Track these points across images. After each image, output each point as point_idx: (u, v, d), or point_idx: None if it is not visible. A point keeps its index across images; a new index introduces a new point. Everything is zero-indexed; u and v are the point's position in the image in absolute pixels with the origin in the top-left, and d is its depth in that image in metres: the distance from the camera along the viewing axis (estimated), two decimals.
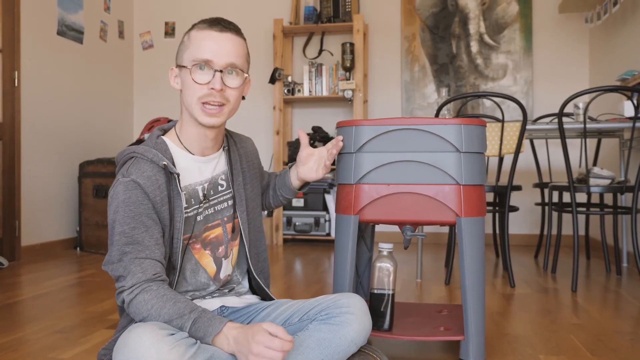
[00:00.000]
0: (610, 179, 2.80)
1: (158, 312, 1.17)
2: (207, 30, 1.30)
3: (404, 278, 2.95)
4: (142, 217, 1.23)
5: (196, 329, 1.15)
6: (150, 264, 1.22)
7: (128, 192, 1.23)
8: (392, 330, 1.60)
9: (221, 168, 1.42)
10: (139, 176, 1.25)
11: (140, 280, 1.20)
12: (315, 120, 4.66)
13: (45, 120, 3.86)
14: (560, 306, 2.36)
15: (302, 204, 4.26)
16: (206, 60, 1.27)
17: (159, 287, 1.20)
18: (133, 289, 1.20)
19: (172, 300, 1.18)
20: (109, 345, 1.29)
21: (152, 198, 1.25)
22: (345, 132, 1.60)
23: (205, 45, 1.28)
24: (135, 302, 1.19)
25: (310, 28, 4.52)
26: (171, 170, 1.28)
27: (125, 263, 1.21)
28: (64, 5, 4.02)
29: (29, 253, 3.67)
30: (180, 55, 1.33)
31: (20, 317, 2.20)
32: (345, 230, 1.59)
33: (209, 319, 1.16)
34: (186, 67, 1.30)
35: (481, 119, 1.58)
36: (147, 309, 1.17)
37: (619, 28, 3.73)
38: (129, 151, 1.31)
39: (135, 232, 1.22)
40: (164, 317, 1.16)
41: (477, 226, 1.55)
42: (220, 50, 1.28)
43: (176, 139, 1.37)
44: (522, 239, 4.32)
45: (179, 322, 1.16)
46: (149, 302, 1.17)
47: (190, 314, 1.16)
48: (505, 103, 4.25)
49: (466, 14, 4.45)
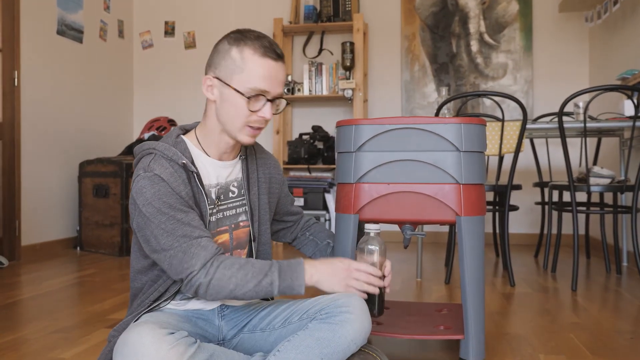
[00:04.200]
0: (610, 178, 2.80)
1: (244, 279, 1.21)
2: (264, 58, 1.28)
3: (404, 277, 2.95)
4: (177, 204, 1.24)
5: (283, 279, 1.23)
6: (207, 241, 1.24)
7: (156, 186, 1.23)
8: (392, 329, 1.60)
9: (235, 175, 1.43)
10: (162, 172, 1.25)
11: (208, 259, 1.21)
12: (315, 119, 4.66)
13: (45, 119, 3.86)
14: (560, 305, 2.36)
15: (303, 203, 4.26)
16: (264, 91, 1.29)
17: (227, 259, 1.23)
18: (206, 269, 1.20)
19: (250, 264, 1.23)
20: (119, 327, 1.31)
21: (177, 192, 1.25)
22: (345, 131, 1.60)
23: (263, 75, 1.28)
24: (215, 282, 1.20)
25: (310, 27, 4.52)
26: (190, 169, 1.29)
27: (183, 247, 1.21)
28: (63, 5, 4.02)
29: (29, 253, 3.67)
30: (227, 72, 1.30)
31: (20, 316, 2.20)
32: (345, 230, 1.59)
33: (288, 265, 1.25)
34: (238, 92, 1.28)
35: (481, 118, 1.58)
36: (233, 282, 1.20)
37: (619, 27, 3.73)
38: (148, 147, 1.32)
39: (179, 217, 1.23)
40: (251, 282, 1.21)
41: (477, 225, 1.55)
42: (275, 81, 1.30)
43: (195, 141, 1.37)
44: (522, 238, 4.32)
45: (267, 280, 1.22)
46: (232, 276, 1.20)
47: (271, 268, 1.23)
48: (505, 102, 4.25)
49: (466, 13, 4.45)
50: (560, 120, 2.75)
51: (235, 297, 1.23)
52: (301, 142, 4.40)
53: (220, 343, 1.38)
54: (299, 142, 4.41)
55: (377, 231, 1.42)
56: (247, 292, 1.22)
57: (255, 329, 1.37)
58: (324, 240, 1.66)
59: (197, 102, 4.84)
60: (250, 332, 1.38)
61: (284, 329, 1.32)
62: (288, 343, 1.21)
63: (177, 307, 1.36)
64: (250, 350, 1.36)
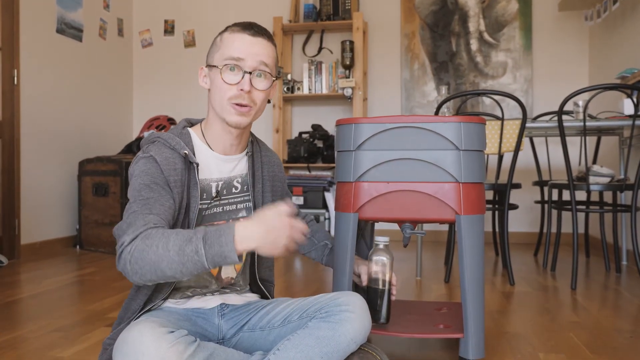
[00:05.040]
0: (609, 177, 2.80)
1: (165, 248, 1.08)
2: (240, 32, 1.32)
3: (404, 276, 2.95)
4: (155, 185, 1.25)
5: (210, 245, 1.08)
6: (154, 218, 1.17)
7: (146, 165, 1.27)
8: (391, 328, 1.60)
9: (239, 171, 1.43)
10: (158, 154, 1.29)
11: (139, 231, 1.13)
12: (314, 118, 4.66)
13: (45, 118, 3.86)
14: (560, 304, 2.36)
15: (302, 202, 4.26)
16: (237, 58, 1.30)
17: (157, 230, 1.13)
18: (133, 241, 1.12)
19: (174, 233, 1.11)
20: (113, 335, 1.30)
21: (166, 175, 1.27)
22: (345, 130, 1.60)
23: (237, 45, 1.31)
24: (137, 253, 1.10)
25: (310, 26, 4.52)
26: (191, 160, 1.31)
27: (130, 219, 1.17)
28: (63, 3, 4.02)
29: (29, 251, 3.67)
30: (211, 56, 1.36)
31: (20, 315, 2.20)
32: (345, 228, 1.59)
33: (216, 230, 1.10)
34: (217, 67, 1.31)
35: (481, 117, 1.58)
36: (153, 251, 1.09)
37: (618, 26, 3.73)
38: (154, 136, 1.35)
39: (147, 195, 1.22)
40: (173, 250, 1.08)
41: (477, 224, 1.55)
42: (251, 51, 1.31)
43: (200, 134, 1.40)
44: (522, 237, 4.33)
45: (191, 247, 1.08)
46: (152, 245, 1.10)
47: (196, 234, 1.09)
48: (504, 101, 4.25)
49: (466, 12, 4.45)
50: (560, 119, 2.75)
51: (162, 272, 1.10)
52: (301, 140, 4.40)
53: (220, 342, 1.38)
54: (298, 140, 4.41)
55: (386, 243, 1.54)
56: (172, 263, 1.08)
57: (255, 327, 1.37)
58: (322, 240, 1.66)
59: (197, 100, 4.84)
60: (250, 330, 1.38)
61: (284, 328, 1.32)
62: (288, 342, 1.21)
63: (177, 306, 1.36)
64: (250, 349, 1.36)
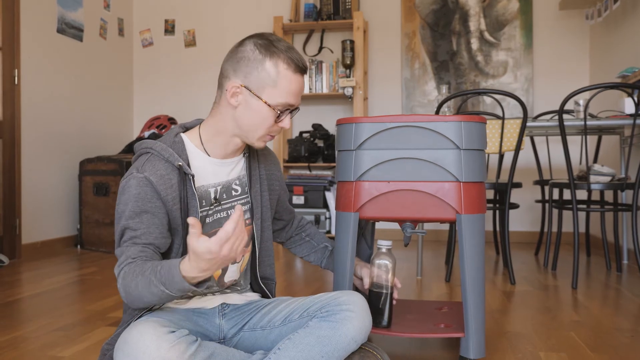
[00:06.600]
0: (610, 176, 2.80)
1: (137, 291, 1.15)
2: (297, 74, 1.32)
3: (404, 275, 2.95)
4: (148, 214, 1.25)
5: (170, 286, 1.11)
6: (139, 248, 1.23)
7: (140, 188, 1.25)
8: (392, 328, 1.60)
9: (237, 173, 1.43)
10: (153, 174, 1.26)
11: (120, 268, 1.21)
12: (315, 117, 4.66)
13: (45, 118, 3.86)
14: (561, 303, 2.36)
15: (303, 201, 4.26)
16: (291, 105, 1.33)
17: (130, 267, 1.19)
18: (118, 277, 1.21)
19: (140, 274, 1.15)
20: (112, 340, 1.30)
21: (163, 197, 1.26)
22: (345, 129, 1.60)
23: (294, 91, 1.32)
24: (122, 290, 1.19)
25: (310, 25, 4.52)
26: (186, 172, 1.29)
27: (118, 251, 1.26)
28: (63, 3, 4.02)
29: (30, 251, 3.67)
30: (258, 82, 1.29)
31: (21, 315, 2.20)
32: (346, 228, 1.59)
33: (167, 271, 1.11)
34: (268, 105, 1.30)
35: (481, 116, 1.58)
36: (133, 289, 1.16)
37: (619, 25, 3.72)
38: (146, 145, 1.32)
39: (139, 225, 1.25)
40: (144, 290, 1.14)
41: (478, 223, 1.55)
42: (300, 95, 1.35)
43: (197, 139, 1.37)
44: (523, 236, 4.32)
45: (156, 290, 1.12)
46: (131, 284, 1.16)
47: (153, 279, 1.12)
48: (505, 100, 4.25)
49: (466, 11, 4.44)
50: (561, 118, 2.74)
51: (150, 303, 1.18)
52: (301, 140, 4.40)
53: (221, 341, 1.38)
54: (299, 140, 4.40)
55: (389, 247, 1.55)
56: (152, 298, 1.15)
57: (256, 327, 1.37)
58: (321, 243, 1.67)
59: (197, 100, 4.84)
60: (250, 330, 1.38)
61: (285, 327, 1.32)
62: (288, 341, 1.21)
63: (178, 306, 1.36)
64: (251, 348, 1.36)
